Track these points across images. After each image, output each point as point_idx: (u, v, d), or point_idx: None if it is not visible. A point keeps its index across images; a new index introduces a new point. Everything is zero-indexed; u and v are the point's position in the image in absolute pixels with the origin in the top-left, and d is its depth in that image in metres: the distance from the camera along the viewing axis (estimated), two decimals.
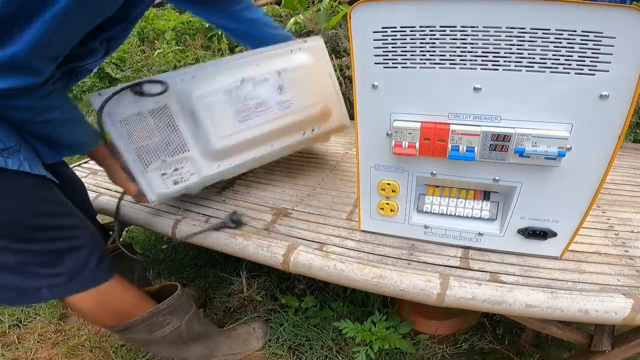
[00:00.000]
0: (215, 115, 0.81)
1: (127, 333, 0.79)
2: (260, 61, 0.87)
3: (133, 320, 0.76)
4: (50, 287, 0.66)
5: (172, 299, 0.80)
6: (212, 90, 0.80)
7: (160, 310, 0.79)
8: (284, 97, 0.89)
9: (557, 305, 0.56)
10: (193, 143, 0.82)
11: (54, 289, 0.67)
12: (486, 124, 0.56)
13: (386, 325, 0.91)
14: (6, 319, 1.15)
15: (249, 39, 1.01)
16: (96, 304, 0.73)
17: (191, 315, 0.85)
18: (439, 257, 0.69)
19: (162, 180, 0.83)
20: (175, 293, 0.81)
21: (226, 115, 0.83)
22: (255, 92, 0.85)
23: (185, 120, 0.80)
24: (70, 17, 0.51)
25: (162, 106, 0.77)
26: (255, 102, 0.85)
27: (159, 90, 0.74)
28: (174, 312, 0.81)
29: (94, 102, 0.73)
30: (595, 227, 0.76)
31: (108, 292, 0.74)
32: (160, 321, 0.79)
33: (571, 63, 0.48)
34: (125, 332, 0.78)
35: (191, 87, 0.79)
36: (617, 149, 0.52)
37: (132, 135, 0.77)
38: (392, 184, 0.68)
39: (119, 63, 2.89)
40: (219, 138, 0.83)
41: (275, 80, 0.87)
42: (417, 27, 0.52)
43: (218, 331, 0.96)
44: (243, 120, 0.85)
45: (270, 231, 0.81)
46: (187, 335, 0.85)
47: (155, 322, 0.79)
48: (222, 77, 0.82)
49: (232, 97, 0.83)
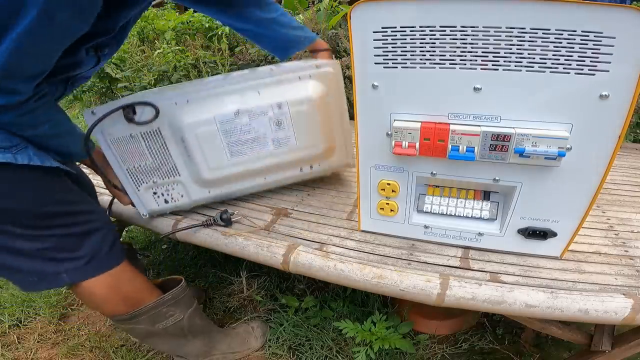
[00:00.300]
0: (206, 146, 0.78)
1: (131, 323, 0.79)
2: (262, 88, 0.79)
3: (141, 308, 0.77)
4: (69, 271, 0.68)
5: (177, 290, 0.82)
6: (205, 119, 0.76)
7: (166, 301, 0.80)
8: (282, 133, 0.81)
9: (557, 305, 0.56)
10: (184, 169, 0.81)
11: (73, 273, 0.69)
12: (486, 124, 0.56)
13: (386, 325, 0.91)
14: (6, 319, 1.15)
15: (265, 42, 0.92)
16: (109, 289, 0.74)
17: (193, 309, 0.86)
18: (439, 257, 0.69)
19: (154, 198, 0.84)
20: (180, 284, 0.83)
21: (217, 147, 0.79)
22: (251, 125, 0.79)
23: (176, 145, 0.78)
24: (36, 37, 0.49)
25: (154, 130, 0.76)
26: (250, 137, 0.79)
27: (150, 117, 0.73)
28: (177, 304, 0.82)
29: (87, 119, 0.73)
30: (595, 227, 0.76)
31: (120, 277, 0.75)
32: (164, 312, 0.81)
33: (571, 63, 0.48)
34: (130, 322, 0.79)
35: (184, 113, 0.75)
36: (617, 149, 0.52)
37: (123, 156, 0.77)
38: (392, 184, 0.68)
39: (119, 63, 2.89)
40: (209, 170, 0.81)
41: (274, 114, 0.79)
42: (417, 27, 0.52)
43: (217, 329, 0.96)
44: (235, 154, 0.81)
45: (270, 231, 0.81)
46: (188, 329, 0.85)
47: (160, 313, 0.80)
48: (218, 104, 0.77)
49: (226, 129, 0.78)
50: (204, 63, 2.43)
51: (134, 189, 0.82)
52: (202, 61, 2.43)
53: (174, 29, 2.89)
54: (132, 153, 0.77)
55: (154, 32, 3.16)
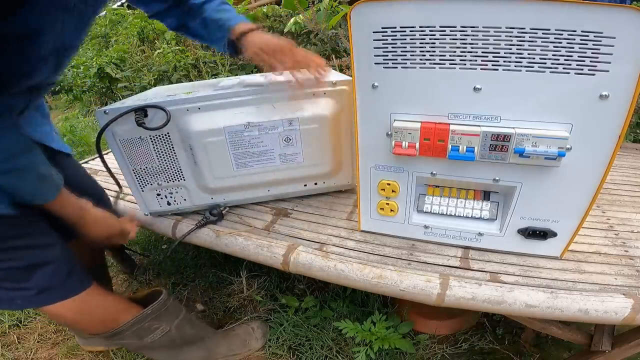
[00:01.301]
0: (213, 156, 0.78)
1: (115, 339, 0.79)
2: (277, 102, 0.77)
3: (120, 326, 0.77)
4: (22, 298, 0.68)
5: (157, 304, 0.80)
6: (215, 129, 0.76)
7: (147, 315, 0.79)
8: (290, 150, 0.80)
9: (557, 305, 0.56)
10: (189, 174, 0.82)
11: (25, 300, 0.68)
12: (486, 124, 0.56)
13: (386, 325, 0.91)
14: (6, 319, 1.15)
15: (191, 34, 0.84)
16: (78, 314, 0.73)
17: (181, 319, 0.84)
18: (439, 257, 0.69)
19: (157, 199, 0.85)
20: (160, 298, 0.81)
21: (224, 158, 0.79)
22: (260, 139, 0.78)
23: (184, 152, 0.79)
24: None
25: (164, 134, 0.76)
26: (258, 150, 0.79)
27: (160, 123, 0.72)
28: (160, 316, 0.81)
29: (99, 119, 0.73)
30: (595, 227, 0.76)
31: (88, 301, 0.74)
32: (148, 326, 0.79)
33: (571, 63, 0.48)
34: (114, 338, 0.79)
35: (195, 121, 0.75)
36: (617, 149, 0.52)
37: (131, 157, 0.78)
38: (392, 184, 0.68)
39: (119, 63, 2.90)
40: (214, 178, 0.82)
41: (284, 130, 0.78)
42: (417, 27, 0.52)
43: (214, 333, 0.96)
44: (241, 166, 0.81)
45: (270, 231, 0.81)
46: (180, 339, 0.85)
47: (143, 328, 0.79)
48: (229, 115, 0.76)
49: (234, 140, 0.78)
50: (204, 63, 2.43)
51: (138, 189, 0.83)
52: (202, 61, 2.44)
53: None
54: (140, 155, 0.78)
55: (154, 32, 3.16)
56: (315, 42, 2.13)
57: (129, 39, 3.26)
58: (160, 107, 0.73)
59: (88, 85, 2.90)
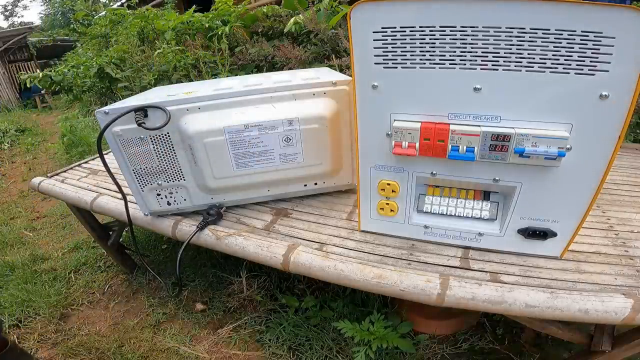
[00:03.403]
0: (213, 156, 0.78)
1: None
2: (278, 102, 0.77)
3: None
4: None
5: None
6: (215, 129, 0.75)
7: None
8: (290, 150, 0.80)
9: (557, 305, 0.56)
10: (189, 175, 0.82)
11: None
12: (486, 124, 0.56)
13: (384, 324, 0.91)
14: (6, 319, 1.15)
15: None
16: None
17: None
18: (439, 257, 0.69)
19: (157, 199, 0.85)
20: None
21: (224, 158, 0.79)
22: (260, 139, 0.78)
23: (184, 152, 0.79)
24: None
25: (164, 134, 0.76)
26: (258, 150, 0.79)
27: (160, 123, 0.72)
28: None
29: (100, 119, 0.73)
30: (595, 227, 0.76)
31: None
32: None
33: (571, 63, 0.48)
34: None
35: (195, 121, 0.75)
36: (617, 149, 0.52)
37: (132, 157, 0.78)
38: (392, 184, 0.68)
39: (119, 63, 2.90)
40: (214, 178, 0.82)
41: (284, 130, 0.78)
42: (417, 27, 0.52)
43: None
44: (241, 166, 0.81)
45: (270, 231, 0.81)
46: None
47: None
48: (229, 115, 0.76)
49: (234, 140, 0.77)
50: (204, 63, 2.43)
51: (139, 189, 0.83)
52: (202, 61, 2.43)
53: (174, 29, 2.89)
54: (140, 155, 0.78)
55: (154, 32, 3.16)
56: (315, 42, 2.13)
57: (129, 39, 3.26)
58: (160, 107, 0.73)
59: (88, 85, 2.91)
